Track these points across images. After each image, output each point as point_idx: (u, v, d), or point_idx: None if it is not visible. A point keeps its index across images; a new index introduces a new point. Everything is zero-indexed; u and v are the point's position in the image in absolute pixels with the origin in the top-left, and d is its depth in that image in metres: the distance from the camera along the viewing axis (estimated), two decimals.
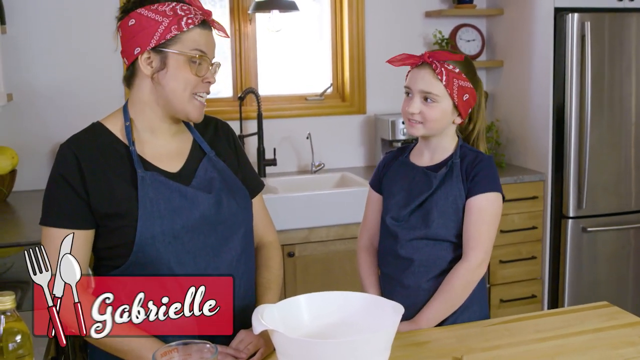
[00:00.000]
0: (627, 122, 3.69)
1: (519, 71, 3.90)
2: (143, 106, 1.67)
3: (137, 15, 1.60)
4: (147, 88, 1.65)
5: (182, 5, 1.61)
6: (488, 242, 1.86)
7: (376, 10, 3.96)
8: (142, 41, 1.59)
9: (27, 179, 3.42)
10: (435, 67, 1.84)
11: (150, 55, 1.61)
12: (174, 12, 1.59)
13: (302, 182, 3.71)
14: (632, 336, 1.73)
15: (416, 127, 1.90)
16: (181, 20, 1.59)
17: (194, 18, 1.61)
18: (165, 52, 1.60)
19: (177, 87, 1.62)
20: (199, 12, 1.62)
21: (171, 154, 1.70)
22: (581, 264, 3.73)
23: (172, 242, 1.60)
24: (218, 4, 3.83)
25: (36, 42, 3.42)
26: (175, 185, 1.64)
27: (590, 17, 3.53)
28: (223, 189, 1.71)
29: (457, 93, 1.85)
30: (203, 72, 1.64)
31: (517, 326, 1.82)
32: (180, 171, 1.69)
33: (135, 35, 1.60)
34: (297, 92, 4.01)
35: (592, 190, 3.66)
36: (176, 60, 1.61)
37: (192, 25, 1.60)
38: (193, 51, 1.61)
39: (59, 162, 1.64)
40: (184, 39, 1.60)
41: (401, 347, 1.67)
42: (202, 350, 1.35)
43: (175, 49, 1.60)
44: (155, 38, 1.58)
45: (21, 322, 1.34)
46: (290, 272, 3.27)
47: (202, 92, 1.67)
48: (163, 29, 1.58)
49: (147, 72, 1.62)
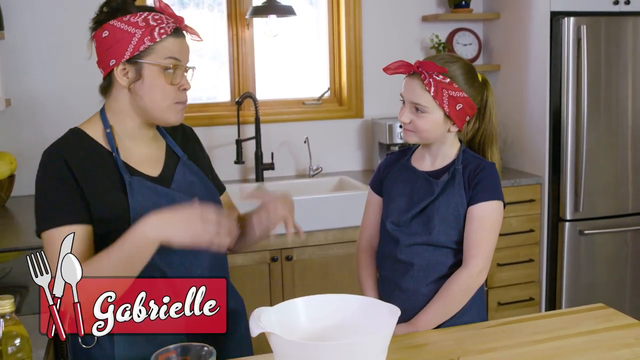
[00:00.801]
0: (623, 125, 3.71)
1: (515, 75, 3.91)
2: (122, 115, 1.69)
3: (110, 27, 1.62)
4: (125, 98, 1.67)
5: (154, 14, 1.63)
6: (489, 250, 1.86)
7: (373, 14, 3.97)
8: (117, 53, 1.61)
9: (26, 184, 3.42)
10: (423, 77, 1.83)
11: (125, 67, 1.63)
12: (146, 22, 1.61)
13: (299, 186, 3.72)
14: (628, 338, 1.74)
15: (409, 134, 1.91)
16: (154, 31, 1.60)
17: (166, 27, 1.62)
18: (139, 63, 1.62)
19: (155, 97, 1.64)
20: (171, 20, 1.64)
21: (150, 159, 1.73)
22: (578, 267, 3.74)
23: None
24: (216, 9, 3.85)
25: (34, 47, 3.44)
26: (162, 190, 1.67)
27: (586, 20, 3.54)
28: (204, 193, 1.75)
29: (448, 103, 1.83)
30: (178, 80, 1.66)
31: (514, 328, 1.83)
32: (160, 175, 1.72)
33: (110, 47, 1.62)
34: (294, 96, 4.02)
35: (589, 193, 3.67)
36: (151, 70, 1.63)
37: (164, 35, 1.62)
38: (167, 60, 1.63)
39: (46, 166, 1.63)
40: (157, 49, 1.62)
41: (398, 350, 1.68)
42: (200, 353, 1.37)
43: (150, 60, 1.62)
44: (129, 50, 1.60)
45: (20, 325, 1.35)
46: (288, 276, 3.28)
47: (180, 100, 1.69)
48: (136, 40, 1.60)
49: (123, 83, 1.64)
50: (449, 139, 1.93)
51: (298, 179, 3.82)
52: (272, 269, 3.25)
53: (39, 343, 1.64)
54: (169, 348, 1.37)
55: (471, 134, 1.98)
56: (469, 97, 1.86)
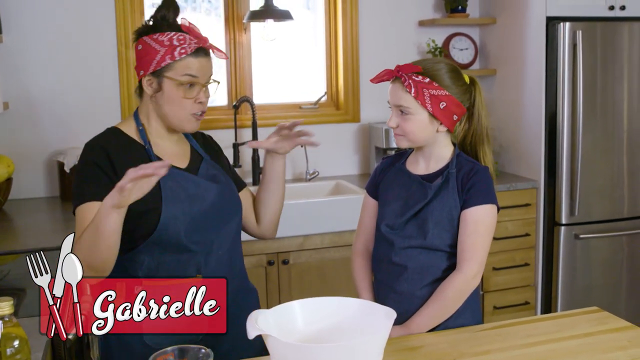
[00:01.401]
0: (619, 130, 3.73)
1: (511, 79, 3.93)
2: (149, 117, 1.92)
3: (143, 42, 1.85)
4: (150, 105, 1.90)
5: (180, 35, 1.84)
6: (483, 254, 1.88)
7: (370, 19, 3.99)
8: (145, 65, 1.84)
9: (23, 187, 3.44)
10: (403, 80, 1.86)
11: (150, 78, 1.85)
12: (170, 42, 1.82)
13: (296, 190, 3.73)
14: (622, 340, 1.75)
15: (399, 139, 1.93)
16: (175, 50, 1.81)
17: (187, 47, 1.82)
18: (161, 76, 1.84)
19: (172, 108, 1.86)
20: (193, 41, 1.84)
21: (178, 155, 1.94)
22: (574, 271, 3.75)
23: (190, 223, 1.83)
24: (213, 13, 3.86)
25: (32, 50, 3.45)
26: (190, 176, 1.89)
27: (581, 26, 3.56)
28: (225, 183, 1.97)
29: (431, 102, 1.85)
30: (193, 94, 1.85)
31: (508, 331, 1.84)
32: (187, 168, 1.93)
33: (141, 59, 1.85)
34: (291, 100, 4.03)
35: (585, 197, 3.69)
36: (170, 84, 1.83)
37: (184, 55, 1.82)
38: (184, 77, 1.82)
39: (87, 152, 1.84)
40: (176, 67, 1.82)
41: (394, 352, 1.69)
42: (197, 355, 1.38)
43: (169, 75, 1.82)
44: (153, 64, 1.82)
45: (19, 327, 1.36)
46: (285, 280, 3.29)
47: (196, 111, 1.88)
48: (160, 57, 1.82)
49: (148, 91, 1.87)
50: (439, 141, 1.94)
51: (295, 182, 3.83)
52: (268, 272, 3.26)
53: (37, 345, 1.65)
54: (166, 350, 1.38)
55: (462, 135, 2.00)
56: (452, 96, 1.87)
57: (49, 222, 3.07)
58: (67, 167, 3.30)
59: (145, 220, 1.79)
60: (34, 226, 3.00)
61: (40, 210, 3.25)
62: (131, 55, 3.55)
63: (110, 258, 1.68)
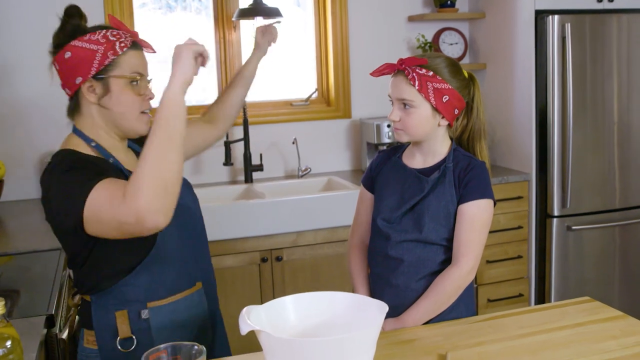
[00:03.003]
0: (609, 121, 3.74)
1: (501, 73, 3.94)
2: (97, 130, 1.74)
3: (72, 48, 1.68)
4: (95, 114, 1.73)
5: (112, 30, 1.70)
6: (479, 248, 1.88)
7: (359, 15, 3.99)
8: (82, 71, 1.67)
9: (14, 189, 3.43)
10: (407, 73, 1.86)
11: (92, 84, 1.68)
12: (106, 38, 1.67)
13: (289, 187, 3.73)
14: (614, 330, 1.76)
15: (400, 134, 1.93)
16: (115, 45, 1.67)
17: (125, 41, 1.69)
18: (106, 77, 1.68)
19: (124, 109, 1.71)
20: (128, 35, 1.71)
21: (132, 163, 1.78)
22: (567, 263, 3.77)
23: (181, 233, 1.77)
24: (203, 12, 3.86)
25: (22, 52, 3.43)
26: None
27: (570, 18, 3.57)
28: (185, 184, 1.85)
29: (434, 95, 1.85)
30: (143, 91, 1.74)
31: (501, 322, 1.85)
32: None
33: (74, 66, 1.67)
34: (282, 97, 4.03)
35: (576, 189, 3.70)
36: (117, 84, 1.69)
37: (125, 48, 1.68)
38: (132, 74, 1.70)
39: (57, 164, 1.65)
40: (121, 63, 1.68)
41: (387, 346, 1.70)
42: (190, 352, 1.38)
43: (116, 73, 1.68)
44: (95, 66, 1.66)
45: (11, 327, 1.35)
46: (278, 276, 3.29)
47: (146, 109, 1.76)
48: (100, 55, 1.66)
49: (92, 99, 1.70)
50: (439, 135, 1.95)
51: (287, 179, 3.83)
52: (262, 269, 3.26)
53: (31, 345, 1.65)
54: (159, 347, 1.38)
55: (460, 130, 2.00)
56: (454, 90, 1.88)
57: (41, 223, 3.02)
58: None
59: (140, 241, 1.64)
60: (25, 228, 2.99)
61: (32, 212, 3.24)
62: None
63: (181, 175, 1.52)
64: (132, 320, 1.72)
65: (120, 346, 1.70)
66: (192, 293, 1.81)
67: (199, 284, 1.85)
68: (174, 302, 1.76)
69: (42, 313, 1.89)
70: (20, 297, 2.11)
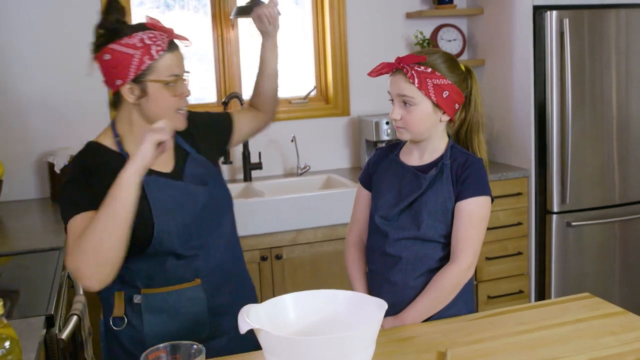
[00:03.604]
0: (608, 116, 3.74)
1: (500, 69, 3.94)
2: (131, 126, 1.84)
3: (110, 51, 1.74)
4: (134, 112, 1.82)
5: (148, 32, 1.75)
6: (477, 245, 1.88)
7: (357, 12, 3.99)
8: (121, 74, 1.75)
9: (14, 189, 3.43)
10: (406, 71, 1.86)
11: (131, 86, 1.77)
12: (142, 42, 1.73)
13: (288, 185, 3.73)
14: (613, 326, 1.76)
15: (402, 132, 1.92)
16: (150, 50, 1.73)
17: (162, 43, 1.75)
18: (143, 82, 1.76)
19: (160, 110, 1.79)
20: (164, 36, 1.77)
21: (162, 159, 1.85)
22: (567, 259, 3.76)
23: (183, 231, 1.82)
24: (201, 11, 3.85)
25: (20, 51, 3.43)
26: (175, 183, 1.85)
27: (568, 14, 3.57)
28: (209, 180, 1.93)
29: (434, 92, 1.85)
30: (179, 91, 1.81)
31: (500, 319, 1.85)
32: (173, 171, 1.89)
33: (114, 69, 1.75)
34: (281, 95, 3.99)
35: (576, 185, 3.70)
36: (154, 87, 1.77)
37: (161, 52, 1.75)
38: (169, 77, 1.77)
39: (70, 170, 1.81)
40: (157, 67, 1.75)
41: (386, 343, 1.70)
42: (189, 351, 1.38)
43: (152, 78, 1.75)
44: (132, 70, 1.74)
45: (10, 328, 1.35)
46: (278, 274, 3.29)
47: (182, 106, 1.84)
48: (137, 61, 1.73)
49: (130, 100, 1.79)
50: (438, 131, 1.94)
51: (286, 177, 3.83)
52: (262, 268, 3.26)
53: (30, 346, 1.65)
54: (158, 347, 1.38)
55: (458, 124, 2.00)
56: (454, 84, 1.88)
57: (40, 223, 3.06)
58: (57, 167, 3.30)
59: (139, 235, 1.75)
60: (25, 228, 2.99)
61: (31, 212, 3.24)
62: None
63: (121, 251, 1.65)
64: (126, 302, 1.85)
65: (112, 323, 1.86)
66: (186, 288, 1.86)
67: (198, 280, 1.87)
68: (165, 293, 1.84)
69: (41, 313, 1.89)
70: (19, 297, 2.10)
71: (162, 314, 1.84)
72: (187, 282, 1.86)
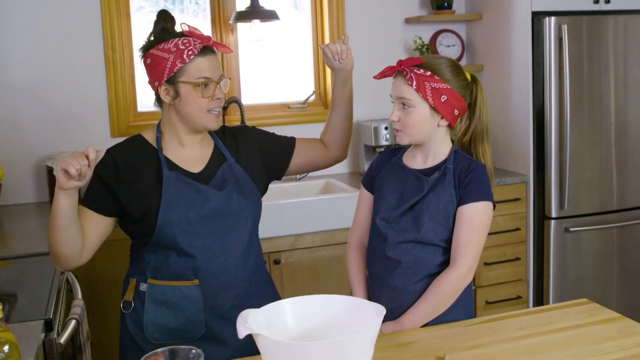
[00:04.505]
0: (606, 122, 3.74)
1: (498, 75, 3.94)
2: (170, 125, 2.01)
3: (151, 55, 1.93)
4: (171, 111, 1.99)
5: (184, 39, 1.91)
6: (477, 250, 1.89)
7: (356, 17, 4.00)
8: (158, 76, 1.92)
9: (12, 193, 3.43)
10: (405, 73, 1.87)
11: (167, 87, 1.94)
12: (176, 47, 1.90)
13: (287, 190, 3.73)
14: (611, 331, 1.77)
15: (400, 135, 1.94)
16: (183, 54, 1.89)
17: (194, 49, 1.90)
18: (176, 83, 1.92)
19: (192, 110, 1.94)
20: (198, 42, 1.91)
21: (195, 158, 2.02)
22: (565, 264, 3.77)
23: (186, 228, 1.92)
24: (200, 15, 3.86)
25: (17, 54, 3.43)
26: (193, 183, 1.96)
27: (567, 20, 3.58)
28: (234, 187, 2.01)
29: (432, 95, 1.86)
30: (210, 93, 1.94)
31: (499, 325, 1.85)
32: (201, 172, 2.01)
33: (152, 71, 1.94)
34: (280, 100, 4.03)
35: (574, 190, 3.70)
36: (185, 88, 1.92)
37: (192, 56, 1.90)
38: (198, 79, 1.91)
39: (99, 163, 1.94)
40: (188, 70, 1.90)
41: (385, 348, 1.70)
42: (188, 355, 1.38)
43: (183, 79, 1.91)
44: (166, 73, 1.90)
45: (9, 332, 1.35)
46: (277, 279, 3.28)
47: (214, 107, 1.96)
48: (170, 64, 1.89)
49: (166, 100, 1.96)
50: (439, 136, 1.95)
51: (285, 182, 3.82)
52: None
53: (28, 350, 1.64)
54: (157, 352, 1.38)
55: (462, 132, 2.01)
56: (453, 90, 1.88)
57: (39, 227, 3.06)
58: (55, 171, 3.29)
59: (145, 224, 1.93)
60: (23, 232, 2.99)
61: (30, 216, 3.24)
62: (118, 59, 3.54)
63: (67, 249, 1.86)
64: (136, 288, 2.01)
65: (122, 306, 2.03)
66: (184, 285, 1.96)
67: (196, 281, 1.95)
68: (165, 286, 1.97)
69: (40, 317, 1.89)
70: (18, 301, 2.10)
71: (162, 306, 1.97)
72: (186, 280, 1.96)
